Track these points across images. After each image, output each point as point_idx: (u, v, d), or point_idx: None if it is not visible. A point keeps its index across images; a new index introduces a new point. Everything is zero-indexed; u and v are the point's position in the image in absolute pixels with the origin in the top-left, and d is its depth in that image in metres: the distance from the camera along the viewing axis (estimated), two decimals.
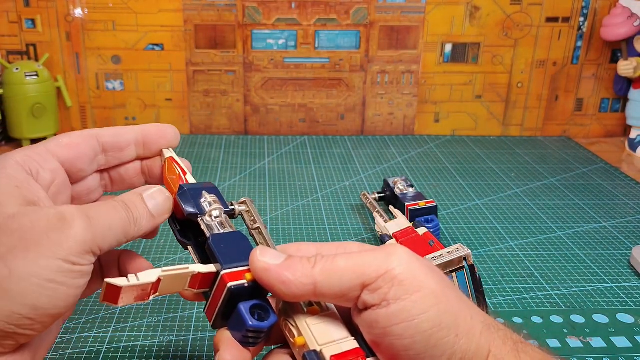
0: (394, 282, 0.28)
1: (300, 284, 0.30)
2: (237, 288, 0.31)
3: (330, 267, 0.29)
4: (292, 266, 0.30)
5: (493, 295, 0.52)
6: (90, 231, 0.30)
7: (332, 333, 0.30)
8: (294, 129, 0.95)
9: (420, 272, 0.29)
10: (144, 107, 0.91)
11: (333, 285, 0.29)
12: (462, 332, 0.28)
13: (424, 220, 0.58)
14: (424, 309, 0.28)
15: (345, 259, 0.30)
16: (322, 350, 0.29)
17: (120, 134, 0.38)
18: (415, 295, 0.28)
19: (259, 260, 0.31)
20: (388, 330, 0.28)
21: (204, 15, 0.87)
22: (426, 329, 0.27)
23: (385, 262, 0.29)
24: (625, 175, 0.81)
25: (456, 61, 0.93)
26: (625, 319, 0.49)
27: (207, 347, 0.44)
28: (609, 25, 0.88)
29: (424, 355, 0.28)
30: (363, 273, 0.29)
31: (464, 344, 0.28)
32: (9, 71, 0.82)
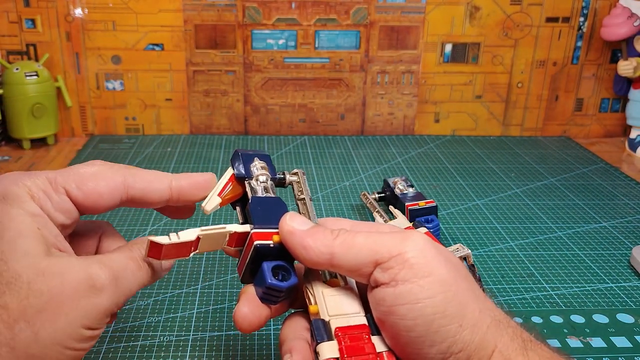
0: (405, 264, 0.29)
1: (319, 252, 0.31)
2: (263, 247, 0.33)
3: (349, 242, 0.31)
4: (315, 234, 0.32)
5: (493, 295, 0.52)
6: (116, 297, 0.31)
7: (345, 307, 0.31)
8: (294, 129, 0.95)
9: (433, 259, 0.29)
10: (144, 107, 0.91)
11: (349, 259, 0.30)
12: (467, 323, 0.28)
13: (424, 220, 0.58)
14: (430, 294, 0.28)
15: (364, 236, 0.31)
16: (330, 321, 0.31)
17: (151, 191, 0.35)
18: (424, 280, 0.29)
19: (286, 224, 0.32)
20: (393, 309, 0.29)
21: (204, 15, 0.87)
22: (429, 314, 0.28)
23: (400, 245, 0.30)
24: (625, 175, 0.81)
25: (456, 61, 0.93)
26: (625, 319, 0.49)
27: (207, 347, 0.44)
28: (609, 25, 0.88)
29: (424, 339, 0.28)
30: (377, 251, 0.30)
31: (466, 335, 0.28)
32: (9, 71, 0.82)
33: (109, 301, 0.30)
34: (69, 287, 0.29)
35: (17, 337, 0.28)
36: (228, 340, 0.45)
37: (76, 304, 0.29)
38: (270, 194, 0.36)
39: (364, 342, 0.30)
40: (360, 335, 0.30)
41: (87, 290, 0.29)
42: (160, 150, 0.86)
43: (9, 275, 0.28)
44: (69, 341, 0.29)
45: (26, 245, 0.29)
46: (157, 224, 0.63)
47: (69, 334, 0.29)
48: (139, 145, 0.88)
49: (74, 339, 0.29)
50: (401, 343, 0.29)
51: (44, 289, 0.28)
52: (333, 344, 0.30)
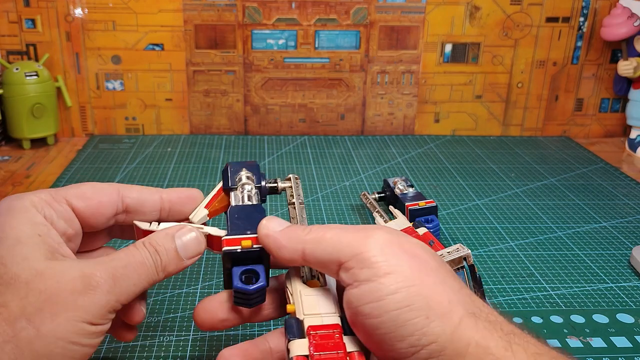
0: (365, 263, 0.29)
1: (293, 249, 0.32)
2: (229, 252, 0.34)
3: (319, 237, 0.32)
4: (288, 233, 0.33)
5: (493, 295, 0.52)
6: (114, 293, 0.32)
7: (320, 306, 0.32)
8: (294, 129, 0.95)
9: (394, 256, 0.30)
10: (144, 107, 0.91)
11: (317, 255, 0.32)
12: (435, 315, 0.28)
13: (424, 220, 0.58)
14: (392, 290, 0.28)
15: (332, 233, 0.32)
16: (304, 320, 0.31)
17: (145, 199, 0.38)
18: (385, 277, 0.29)
19: (262, 227, 0.34)
20: (359, 309, 0.29)
21: (204, 15, 0.87)
22: (392, 309, 0.28)
23: (360, 244, 0.30)
24: (625, 175, 0.81)
25: (456, 61, 0.93)
26: (625, 319, 0.49)
27: (207, 347, 0.44)
28: (609, 25, 0.88)
29: (392, 335, 0.28)
30: (340, 250, 0.31)
31: (435, 326, 0.28)
32: (9, 71, 0.82)
33: (107, 297, 0.31)
34: (66, 286, 0.30)
35: (19, 335, 0.29)
36: (228, 340, 0.45)
37: (73, 301, 0.30)
38: (252, 201, 0.38)
39: (334, 340, 0.30)
40: (332, 334, 0.30)
41: (83, 288, 0.30)
42: (160, 150, 0.86)
43: (8, 277, 0.30)
44: (72, 336, 0.30)
45: (25, 251, 0.31)
46: None
47: (72, 330, 0.30)
48: (139, 145, 0.88)
49: (77, 334, 0.30)
50: (374, 341, 0.30)
51: (42, 288, 0.30)
52: (304, 341, 0.30)
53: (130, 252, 0.33)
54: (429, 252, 0.32)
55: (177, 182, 0.74)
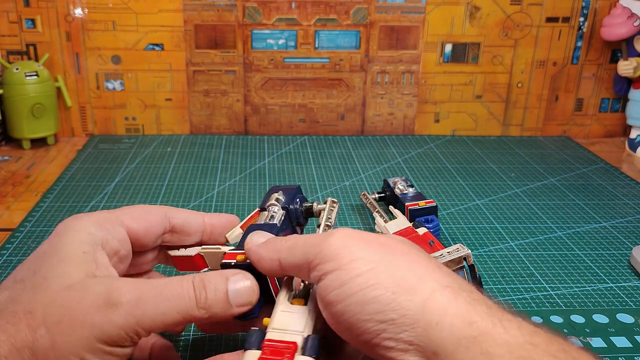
0: (328, 257, 0.30)
1: (270, 259, 0.34)
2: (225, 265, 0.37)
3: (293, 245, 0.33)
4: (267, 245, 0.34)
5: (493, 295, 0.52)
6: (135, 316, 0.30)
7: (290, 324, 0.32)
8: (294, 129, 0.95)
9: (355, 246, 0.31)
10: (144, 107, 0.91)
11: (291, 262, 0.33)
12: (401, 290, 0.28)
13: (424, 220, 0.58)
14: (356, 274, 0.29)
15: (304, 238, 0.33)
16: (267, 333, 0.32)
17: (189, 221, 0.41)
18: (348, 264, 0.30)
19: (246, 242, 0.36)
20: (326, 300, 0.30)
21: (204, 15, 0.87)
22: (356, 291, 0.29)
23: (323, 241, 0.31)
24: (625, 175, 0.81)
25: (456, 61, 0.93)
26: (625, 319, 0.49)
27: (207, 347, 0.44)
28: (609, 25, 0.88)
29: (359, 316, 0.29)
30: (308, 252, 0.32)
31: (403, 300, 0.28)
32: (9, 71, 0.82)
33: (125, 318, 0.30)
34: (87, 302, 0.31)
35: (38, 342, 0.30)
36: (228, 340, 0.45)
37: (90, 318, 0.30)
38: (274, 221, 0.40)
39: (282, 357, 0.30)
40: (284, 351, 0.31)
41: (103, 305, 0.30)
42: (160, 150, 0.86)
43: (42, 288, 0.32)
44: (84, 354, 0.30)
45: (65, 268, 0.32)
46: None
47: (85, 346, 0.30)
48: (139, 145, 0.88)
49: (90, 352, 0.30)
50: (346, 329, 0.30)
51: (66, 301, 0.31)
52: (257, 353, 0.31)
53: (171, 280, 0.32)
54: (401, 240, 0.33)
55: (177, 182, 0.74)
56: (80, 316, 0.30)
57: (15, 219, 0.64)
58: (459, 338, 0.27)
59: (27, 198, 0.70)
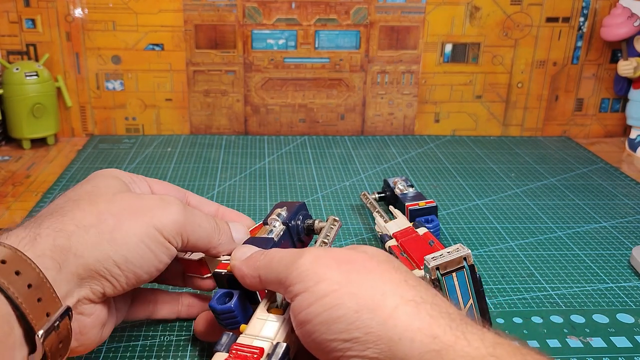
0: (298, 278, 0.32)
1: (251, 276, 0.36)
2: (216, 274, 0.39)
3: (269, 262, 0.35)
4: (247, 261, 0.36)
5: (493, 295, 0.52)
6: (184, 216, 0.37)
7: (263, 330, 0.34)
8: (294, 129, 0.95)
9: (323, 267, 0.31)
10: (144, 107, 0.91)
11: (268, 279, 0.34)
12: (365, 308, 0.29)
13: (424, 220, 0.58)
14: (321, 295, 0.30)
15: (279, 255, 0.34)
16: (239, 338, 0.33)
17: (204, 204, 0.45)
18: (315, 286, 0.31)
19: (232, 257, 0.38)
20: (297, 319, 0.31)
21: (204, 15, 0.87)
22: (320, 312, 0.30)
23: (293, 263, 0.32)
24: (625, 175, 0.81)
25: (456, 61, 0.93)
26: (625, 319, 0.49)
27: (207, 347, 0.44)
28: (609, 25, 0.88)
29: (325, 335, 0.30)
30: (280, 272, 0.33)
31: (366, 318, 0.29)
32: (9, 71, 0.82)
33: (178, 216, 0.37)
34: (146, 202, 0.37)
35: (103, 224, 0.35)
36: None
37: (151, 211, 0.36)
38: (271, 235, 0.41)
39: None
40: (250, 356, 0.32)
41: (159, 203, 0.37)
42: (160, 150, 0.86)
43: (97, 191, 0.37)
44: (145, 238, 0.35)
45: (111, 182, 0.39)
46: None
47: (146, 232, 0.35)
48: (139, 145, 0.88)
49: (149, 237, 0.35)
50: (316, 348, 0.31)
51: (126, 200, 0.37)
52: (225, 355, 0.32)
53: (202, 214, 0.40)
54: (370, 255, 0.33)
55: (177, 182, 0.74)
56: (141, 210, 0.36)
57: (15, 219, 0.64)
58: (422, 352, 0.27)
59: (27, 198, 0.70)
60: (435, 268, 0.42)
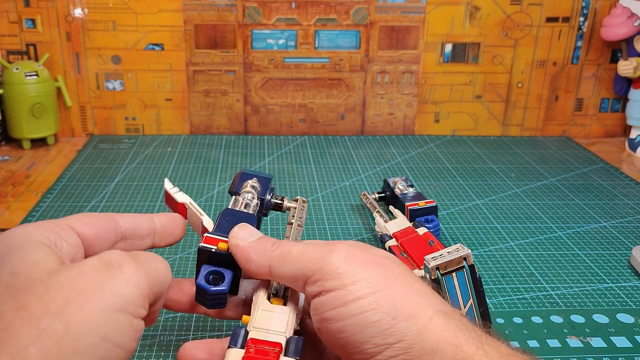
0: (331, 275, 0.31)
1: (259, 264, 0.33)
2: (204, 249, 0.35)
3: (285, 254, 0.33)
4: (257, 247, 0.34)
5: (493, 295, 0.52)
6: (142, 272, 0.29)
7: (272, 324, 0.32)
8: (294, 129, 0.95)
9: (358, 266, 0.31)
10: (144, 107, 0.91)
11: (283, 271, 0.33)
12: (401, 315, 0.29)
13: (424, 220, 0.58)
14: (358, 296, 0.30)
15: (298, 248, 0.33)
16: (249, 332, 0.32)
17: (138, 224, 0.37)
18: (351, 285, 0.30)
19: (233, 236, 0.35)
20: (324, 316, 0.30)
21: (204, 15, 0.87)
22: (357, 313, 0.29)
23: (324, 258, 0.31)
24: (625, 175, 0.81)
25: (456, 61, 0.93)
26: (625, 319, 0.49)
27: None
28: (609, 25, 0.88)
29: (357, 337, 0.29)
30: (305, 265, 0.32)
31: (402, 327, 0.29)
32: (9, 71, 0.82)
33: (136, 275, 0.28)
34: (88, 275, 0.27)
35: (46, 333, 0.25)
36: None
37: (100, 286, 0.27)
38: (248, 210, 0.39)
39: (269, 357, 0.30)
40: (269, 351, 0.31)
41: (106, 270, 0.27)
42: (160, 150, 0.86)
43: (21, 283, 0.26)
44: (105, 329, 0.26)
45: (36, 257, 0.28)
46: None
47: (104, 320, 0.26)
48: (139, 145, 0.88)
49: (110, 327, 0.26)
50: (339, 344, 0.31)
51: (63, 281, 0.26)
52: (241, 352, 0.31)
53: None
54: (395, 260, 0.33)
55: (177, 182, 0.74)
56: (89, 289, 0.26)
57: (15, 219, 0.64)
58: None
59: (27, 198, 0.70)
60: (435, 268, 0.42)
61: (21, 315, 0.25)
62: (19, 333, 0.24)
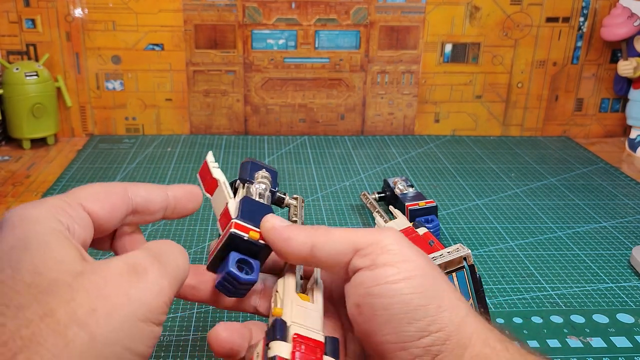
0: (383, 250, 0.31)
1: (301, 242, 0.33)
2: (237, 236, 0.34)
3: (329, 234, 0.33)
4: (296, 228, 0.33)
5: (493, 295, 0.52)
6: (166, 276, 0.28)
7: (308, 320, 0.32)
8: (294, 129, 0.95)
9: (408, 249, 0.32)
10: (144, 107, 0.91)
11: (328, 248, 0.32)
12: (446, 305, 0.30)
13: (424, 220, 0.58)
14: (408, 275, 0.30)
15: (342, 230, 0.33)
16: (290, 326, 0.31)
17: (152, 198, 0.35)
18: (402, 263, 0.30)
19: (267, 221, 0.34)
20: (370, 290, 0.30)
21: (204, 15, 0.87)
22: (406, 293, 0.29)
23: (377, 235, 0.32)
24: (625, 175, 0.81)
25: (456, 61, 0.93)
26: (625, 319, 0.49)
27: (207, 347, 0.44)
28: (609, 25, 0.88)
29: (402, 317, 0.29)
30: (356, 241, 0.32)
31: (446, 315, 0.30)
32: (9, 71, 0.82)
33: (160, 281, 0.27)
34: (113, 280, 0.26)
35: (72, 344, 0.23)
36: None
37: (126, 294, 0.26)
38: (263, 200, 0.38)
39: (316, 357, 0.30)
40: (315, 349, 0.30)
41: (131, 276, 0.26)
42: (160, 150, 0.86)
43: (46, 284, 0.25)
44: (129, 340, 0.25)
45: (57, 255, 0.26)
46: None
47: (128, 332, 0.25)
48: (139, 145, 0.88)
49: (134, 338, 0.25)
50: (378, 323, 0.30)
51: (89, 285, 0.25)
52: (288, 345, 0.30)
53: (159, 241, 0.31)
54: None
55: (177, 182, 0.74)
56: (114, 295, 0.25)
57: None
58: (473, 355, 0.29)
59: (27, 198, 0.70)
60: None
61: (47, 323, 0.24)
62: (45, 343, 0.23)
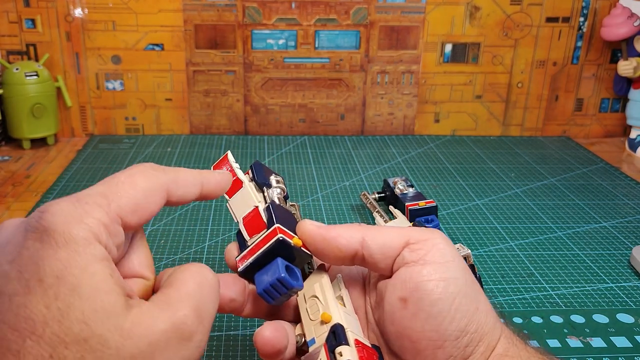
0: (434, 248, 0.32)
1: (350, 236, 0.33)
2: (285, 242, 0.34)
3: (378, 228, 0.34)
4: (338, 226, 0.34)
5: (493, 295, 0.52)
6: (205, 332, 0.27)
7: (356, 328, 0.33)
8: (294, 129, 0.95)
9: (454, 251, 0.33)
10: (144, 107, 0.91)
11: (379, 241, 0.33)
12: (483, 307, 0.31)
13: (424, 220, 0.58)
14: (455, 275, 0.31)
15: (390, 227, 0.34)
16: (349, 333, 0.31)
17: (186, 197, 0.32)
18: (450, 263, 0.31)
19: (306, 223, 0.34)
20: (420, 284, 0.31)
21: (204, 15, 0.87)
22: (452, 292, 0.31)
23: (428, 234, 0.33)
24: (625, 175, 0.81)
25: (456, 61, 0.92)
26: (625, 319, 0.49)
27: (207, 347, 0.44)
28: (609, 25, 0.88)
29: (445, 315, 0.30)
30: (407, 235, 0.33)
31: (482, 317, 0.31)
32: (9, 71, 0.82)
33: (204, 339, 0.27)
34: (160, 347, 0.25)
35: None
36: (228, 340, 0.45)
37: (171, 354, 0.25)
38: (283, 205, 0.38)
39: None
40: (373, 356, 0.31)
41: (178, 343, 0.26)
42: (160, 150, 0.86)
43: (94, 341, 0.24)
44: None
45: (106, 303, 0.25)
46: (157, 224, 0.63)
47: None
48: (139, 145, 0.88)
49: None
50: (421, 319, 0.31)
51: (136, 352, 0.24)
52: (354, 350, 0.30)
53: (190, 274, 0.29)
54: None
55: None
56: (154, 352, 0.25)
57: None
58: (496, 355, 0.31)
59: (27, 198, 0.70)
60: None
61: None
62: None
